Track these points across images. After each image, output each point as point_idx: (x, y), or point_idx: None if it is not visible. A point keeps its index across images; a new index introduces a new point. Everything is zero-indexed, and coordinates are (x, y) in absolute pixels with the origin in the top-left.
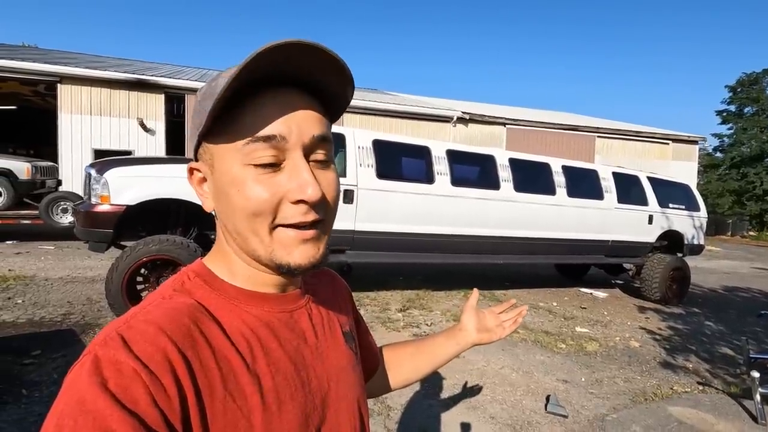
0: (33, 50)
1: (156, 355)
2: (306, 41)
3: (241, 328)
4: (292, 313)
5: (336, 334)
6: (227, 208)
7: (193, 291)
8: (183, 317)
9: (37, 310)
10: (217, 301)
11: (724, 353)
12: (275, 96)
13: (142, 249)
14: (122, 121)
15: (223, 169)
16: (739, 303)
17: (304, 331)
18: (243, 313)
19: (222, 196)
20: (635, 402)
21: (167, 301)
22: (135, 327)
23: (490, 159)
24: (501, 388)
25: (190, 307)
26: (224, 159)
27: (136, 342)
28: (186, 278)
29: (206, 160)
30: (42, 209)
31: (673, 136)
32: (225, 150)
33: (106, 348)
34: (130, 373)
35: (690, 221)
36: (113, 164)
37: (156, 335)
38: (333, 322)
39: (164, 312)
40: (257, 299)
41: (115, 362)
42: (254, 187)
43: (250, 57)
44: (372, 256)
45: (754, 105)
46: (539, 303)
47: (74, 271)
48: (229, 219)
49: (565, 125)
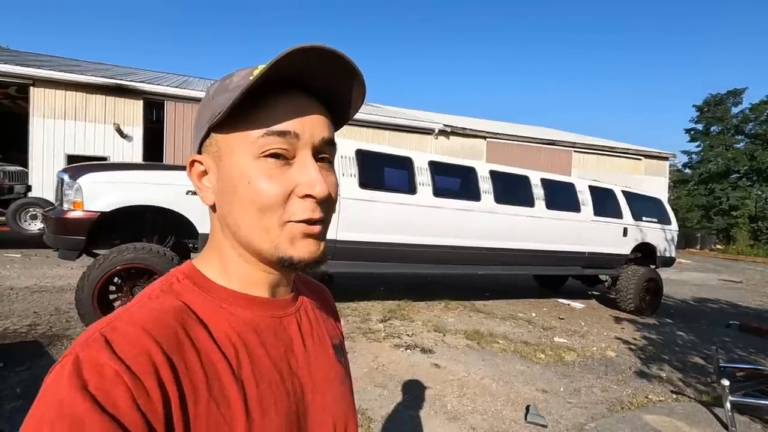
0: (4, 51)
1: (140, 357)
2: (328, 48)
3: (229, 332)
4: (281, 319)
5: (325, 345)
6: (234, 201)
7: (181, 293)
8: (169, 319)
9: (0, 321)
10: (206, 304)
11: (695, 362)
12: (291, 96)
13: (116, 257)
14: (98, 127)
15: (232, 162)
16: (709, 314)
17: (291, 339)
18: (231, 317)
19: (229, 188)
20: (612, 411)
21: (153, 301)
22: (119, 328)
23: (471, 171)
24: (481, 399)
25: (176, 308)
26: (235, 151)
27: (120, 343)
28: (175, 280)
29: (212, 152)
30: (9, 216)
31: (645, 152)
32: (237, 142)
33: (88, 349)
34: (112, 376)
35: (662, 234)
36: (87, 169)
37: (140, 337)
38: (322, 333)
39: (150, 313)
40: (247, 302)
41: (96, 364)
42: (266, 181)
43: (280, 56)
44: (353, 266)
45: (720, 124)
46: (518, 313)
47: (42, 280)
48: (234, 212)
49: (543, 140)
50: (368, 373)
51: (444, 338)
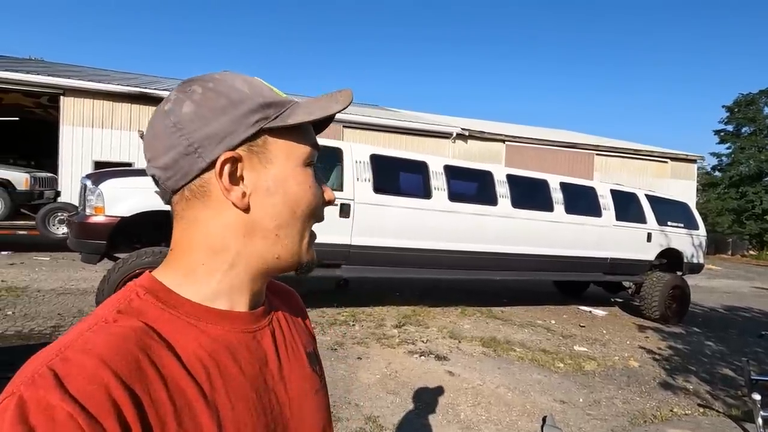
0: (38, 63)
1: (96, 393)
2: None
3: (198, 352)
4: (255, 333)
5: (299, 356)
6: (286, 205)
7: (143, 311)
8: (129, 344)
9: (26, 322)
10: (171, 322)
11: (724, 374)
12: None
13: (135, 261)
14: (123, 134)
15: (288, 166)
16: (740, 323)
17: (266, 353)
18: (200, 335)
19: (280, 192)
20: (634, 424)
21: (111, 325)
22: (71, 359)
23: (487, 175)
24: (496, 408)
25: (137, 331)
26: (290, 157)
27: (73, 378)
28: (134, 296)
29: (258, 152)
30: (39, 220)
31: (671, 155)
32: (291, 149)
33: (34, 387)
34: (64, 419)
35: (689, 239)
36: (109, 175)
37: (96, 369)
38: (296, 342)
39: (106, 339)
40: (218, 317)
41: (45, 407)
42: (316, 186)
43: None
44: (368, 270)
45: (751, 125)
46: (537, 320)
47: (67, 282)
48: (281, 215)
49: (564, 143)
50: (381, 380)
51: (459, 345)
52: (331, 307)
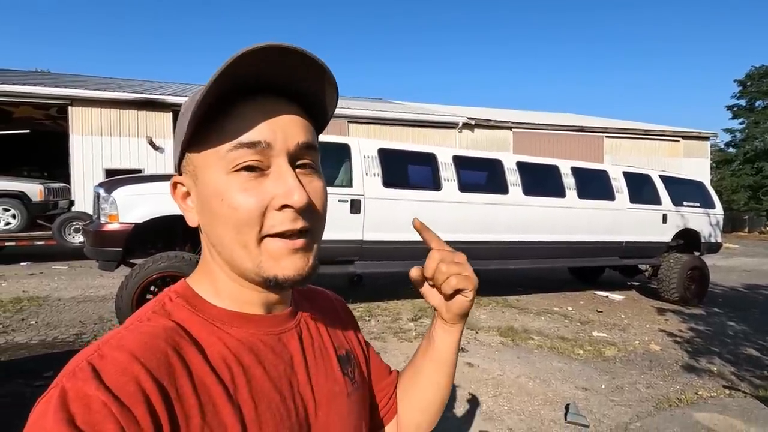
0: (45, 75)
1: (128, 385)
2: (284, 44)
3: (224, 352)
4: (280, 335)
5: (329, 359)
6: (212, 220)
7: (173, 312)
8: (159, 342)
9: (50, 331)
10: (199, 324)
11: (749, 354)
12: (259, 102)
13: (151, 266)
14: (132, 141)
15: (207, 179)
16: (762, 302)
17: (292, 355)
18: (226, 337)
19: (207, 207)
20: (659, 409)
21: (144, 324)
22: (107, 355)
23: (497, 163)
24: (518, 398)
25: (168, 330)
26: (208, 169)
27: (108, 372)
28: (167, 299)
29: (189, 171)
30: (55, 230)
31: (683, 133)
32: (209, 159)
33: (75, 380)
34: (100, 408)
35: (706, 219)
36: (121, 183)
37: (129, 363)
38: (326, 345)
39: (139, 337)
40: (242, 321)
41: (83, 396)
42: (239, 195)
43: (229, 60)
44: (381, 265)
45: (765, 98)
46: (554, 308)
47: (86, 290)
48: (215, 231)
49: (572, 126)
50: None
51: (477, 336)
52: (346, 303)
